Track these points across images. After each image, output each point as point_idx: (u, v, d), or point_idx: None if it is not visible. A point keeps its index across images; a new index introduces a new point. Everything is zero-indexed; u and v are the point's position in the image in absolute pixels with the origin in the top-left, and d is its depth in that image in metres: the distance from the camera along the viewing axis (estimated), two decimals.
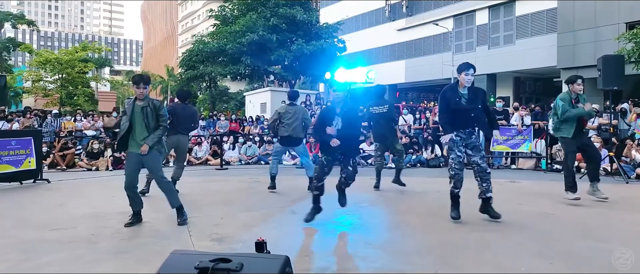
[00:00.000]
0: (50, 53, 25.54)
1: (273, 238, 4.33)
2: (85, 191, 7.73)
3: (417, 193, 7.26)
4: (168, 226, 4.94)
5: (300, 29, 19.51)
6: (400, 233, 4.55)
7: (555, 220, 5.20)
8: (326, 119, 5.03)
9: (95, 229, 4.77)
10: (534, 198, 6.65)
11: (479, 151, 5.10)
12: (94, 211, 5.76)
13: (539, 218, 5.25)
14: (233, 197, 6.87)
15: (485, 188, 5.07)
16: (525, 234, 4.49)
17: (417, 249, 3.95)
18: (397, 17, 33.91)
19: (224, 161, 12.29)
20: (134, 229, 4.76)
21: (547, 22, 24.66)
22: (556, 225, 4.92)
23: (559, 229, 4.74)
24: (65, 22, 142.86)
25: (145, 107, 4.88)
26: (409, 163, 11.56)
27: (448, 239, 4.29)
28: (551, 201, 6.38)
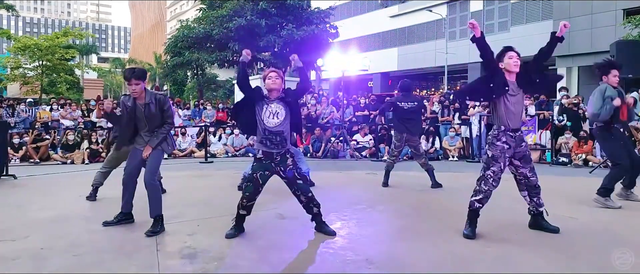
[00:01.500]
0: (29, 39, 24.44)
1: (256, 252, 3.69)
2: (53, 189, 7.02)
3: (419, 192, 6.62)
4: (132, 236, 4.25)
5: (290, 14, 18.65)
6: (406, 246, 3.90)
7: (578, 225, 4.59)
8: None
9: (49, 239, 4.08)
10: (548, 198, 6.00)
11: (528, 161, 4.17)
12: (54, 215, 5.06)
13: (560, 224, 4.64)
14: (215, 196, 6.18)
15: (537, 202, 4.25)
16: (548, 245, 3.88)
17: (428, 266, 3.32)
18: (390, 3, 33.25)
19: (209, 153, 11.59)
20: (93, 241, 4.07)
21: (543, 9, 24.32)
22: (581, 232, 4.31)
23: (586, 237, 4.14)
24: (51, 8, 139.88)
25: (148, 104, 4.34)
26: (405, 156, 10.93)
27: (461, 252, 3.66)
28: (568, 201, 5.78)
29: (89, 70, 31.38)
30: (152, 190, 4.36)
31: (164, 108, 4.41)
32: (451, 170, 8.88)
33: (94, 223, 4.67)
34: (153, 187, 4.37)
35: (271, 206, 5.43)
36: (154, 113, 4.38)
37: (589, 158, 9.43)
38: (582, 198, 5.73)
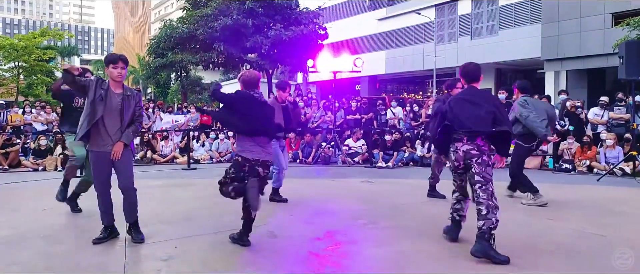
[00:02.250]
0: (4, 39, 23.41)
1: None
2: (15, 201, 6.29)
3: (421, 203, 6.08)
4: (98, 257, 3.63)
5: (278, 13, 18.01)
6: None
7: (607, 244, 4.07)
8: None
9: (1, 266, 3.44)
10: (563, 210, 5.53)
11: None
12: (10, 234, 4.39)
13: (585, 243, 4.13)
14: (197, 209, 5.53)
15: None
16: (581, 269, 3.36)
17: None
18: (378, 6, 32.90)
19: (193, 159, 10.91)
20: (53, 262, 3.44)
21: (531, 13, 24.14)
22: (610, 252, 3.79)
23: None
24: (33, 9, 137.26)
25: (127, 95, 3.94)
26: (400, 162, 10.41)
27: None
28: (585, 212, 5.29)
29: None
30: (132, 194, 4.00)
31: (138, 105, 4.03)
32: (449, 178, 8.35)
33: (54, 244, 4.04)
34: (133, 191, 4.01)
35: (259, 222, 4.83)
36: (130, 108, 3.95)
37: (593, 164, 9.01)
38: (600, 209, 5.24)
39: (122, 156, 3.93)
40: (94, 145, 3.92)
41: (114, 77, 3.90)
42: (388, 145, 10.55)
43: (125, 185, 3.96)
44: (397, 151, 10.45)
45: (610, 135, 8.90)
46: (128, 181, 3.97)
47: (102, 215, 4.09)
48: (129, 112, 3.96)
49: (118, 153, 3.88)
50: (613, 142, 8.78)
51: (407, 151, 10.54)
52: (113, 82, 3.93)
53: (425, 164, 10.21)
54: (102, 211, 4.07)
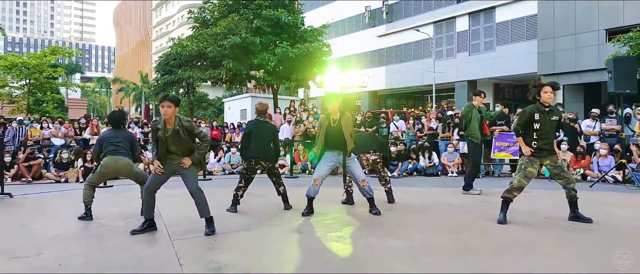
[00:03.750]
0: (16, 57, 24.06)
1: (281, 267, 3.61)
2: (53, 208, 6.83)
3: (426, 207, 6.59)
4: (150, 249, 4.17)
5: (284, 32, 18.71)
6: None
7: (594, 233, 4.62)
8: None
9: (64, 256, 3.96)
10: (555, 211, 6.06)
11: None
12: (62, 233, 4.92)
13: (575, 234, 4.67)
14: (222, 213, 6.05)
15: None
16: (582, 257, 3.89)
17: None
18: (377, 23, 33.65)
19: (207, 171, 11.45)
20: (111, 254, 3.97)
21: (527, 29, 24.76)
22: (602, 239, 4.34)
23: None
24: (34, 27, 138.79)
25: (177, 129, 4.63)
26: (405, 172, 10.96)
27: None
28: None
29: (76, 89, 30.92)
30: (198, 195, 4.76)
31: (193, 133, 4.72)
32: (452, 185, 8.91)
33: (107, 241, 4.56)
34: (199, 192, 4.76)
35: (283, 222, 5.38)
36: (182, 139, 4.66)
37: (587, 173, 9.56)
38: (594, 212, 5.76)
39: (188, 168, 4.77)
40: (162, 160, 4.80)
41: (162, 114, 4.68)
42: (393, 156, 11.10)
43: (191, 189, 4.76)
44: (402, 161, 11.00)
45: (604, 145, 9.47)
46: (192, 185, 4.76)
47: (145, 211, 4.90)
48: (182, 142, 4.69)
49: (185, 164, 4.74)
50: (606, 152, 9.34)
51: (411, 162, 11.08)
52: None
53: (428, 174, 10.78)
54: (145, 207, 4.88)
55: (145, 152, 11.85)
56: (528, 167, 5.22)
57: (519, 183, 5.21)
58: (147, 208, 4.89)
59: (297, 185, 9.30)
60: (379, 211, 5.75)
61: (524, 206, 6.30)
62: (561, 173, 5.21)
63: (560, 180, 5.21)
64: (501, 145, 10.18)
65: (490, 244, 4.32)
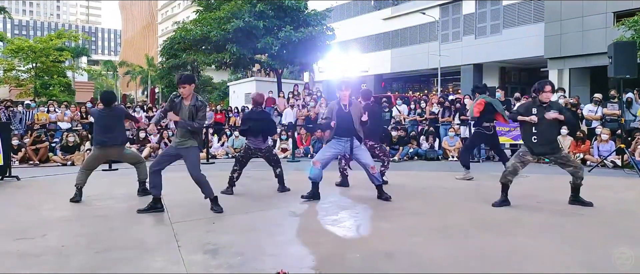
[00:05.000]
0: (23, 41, 24.22)
1: (277, 247, 3.76)
2: (59, 190, 6.99)
3: (420, 190, 6.71)
4: (152, 233, 4.33)
5: (288, 16, 18.68)
6: (423, 242, 3.99)
7: (583, 219, 4.72)
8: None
9: (68, 238, 4.13)
10: (556, 195, 6.16)
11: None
12: (68, 215, 5.10)
13: (567, 218, 4.78)
14: (222, 196, 6.22)
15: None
16: (562, 238, 4.00)
17: (449, 261, 3.42)
18: (383, 6, 33.39)
19: (210, 154, 11.61)
20: (113, 238, 4.13)
21: (534, 12, 24.47)
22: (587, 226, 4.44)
23: (592, 230, 4.27)
24: (40, 10, 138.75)
25: (192, 105, 4.93)
26: (406, 156, 11.07)
27: (479, 245, 3.77)
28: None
29: (83, 73, 31.12)
30: (200, 180, 5.03)
31: (198, 112, 4.95)
32: (452, 170, 9.01)
33: (111, 221, 4.74)
34: (200, 177, 5.03)
35: (282, 205, 5.52)
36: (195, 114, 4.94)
37: (586, 157, 9.62)
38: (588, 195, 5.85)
39: (189, 151, 5.01)
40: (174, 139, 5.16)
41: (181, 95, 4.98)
42: (394, 140, 11.20)
43: (193, 175, 5.02)
44: (403, 146, 11.10)
45: (605, 130, 9.50)
46: (194, 170, 5.02)
47: (151, 189, 5.12)
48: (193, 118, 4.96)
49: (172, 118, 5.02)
50: (608, 137, 9.38)
51: (411, 147, 11.17)
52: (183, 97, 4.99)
53: (430, 158, 10.88)
54: (152, 186, 5.10)
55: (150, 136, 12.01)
56: (526, 155, 5.29)
57: (513, 167, 5.30)
58: (154, 186, 5.09)
59: (297, 169, 9.46)
60: (389, 197, 5.72)
61: (518, 190, 6.40)
62: (568, 162, 5.29)
63: (569, 168, 5.27)
64: (502, 129, 10.23)
65: (474, 225, 4.45)
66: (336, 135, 5.72)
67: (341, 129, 5.67)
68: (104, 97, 6.30)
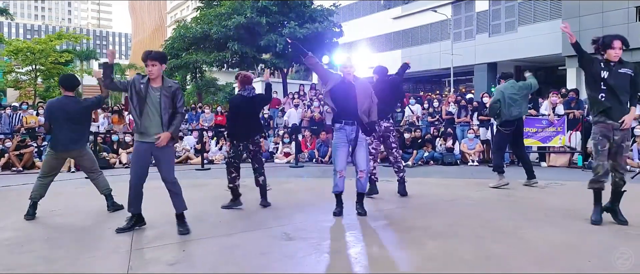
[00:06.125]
0: (21, 42, 23.61)
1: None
2: (25, 203, 6.12)
3: (444, 202, 5.70)
4: (102, 265, 3.39)
5: (292, 11, 17.72)
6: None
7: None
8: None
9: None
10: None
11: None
12: (14, 237, 4.19)
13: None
14: (208, 210, 5.28)
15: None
16: None
17: None
18: (393, 5, 32.50)
19: (207, 160, 10.70)
20: (55, 267, 3.20)
21: (551, 8, 23.61)
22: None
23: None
24: (52, 15, 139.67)
25: (161, 89, 4.12)
26: (420, 160, 10.05)
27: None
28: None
29: (85, 75, 30.50)
30: (175, 187, 4.22)
31: (175, 97, 4.17)
32: (473, 176, 8.00)
33: (57, 248, 3.83)
34: (176, 185, 4.23)
35: (273, 223, 4.56)
36: (167, 102, 4.13)
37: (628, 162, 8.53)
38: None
39: (164, 149, 4.14)
40: (137, 135, 4.19)
41: (147, 73, 4.13)
42: (407, 143, 10.20)
43: (167, 179, 4.18)
44: (417, 149, 10.09)
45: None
46: (168, 174, 4.18)
47: (130, 204, 4.23)
48: (167, 106, 4.11)
49: (163, 141, 4.07)
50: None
51: (426, 150, 10.15)
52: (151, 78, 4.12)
53: (447, 162, 9.85)
54: (131, 200, 4.21)
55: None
56: (604, 144, 4.24)
57: (603, 168, 4.25)
58: (132, 201, 4.23)
59: (299, 176, 8.52)
60: (365, 212, 4.79)
61: (560, 202, 5.39)
62: (617, 155, 4.28)
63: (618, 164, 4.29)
64: (529, 130, 9.19)
65: (522, 253, 3.45)
66: (337, 120, 4.72)
67: (343, 112, 4.67)
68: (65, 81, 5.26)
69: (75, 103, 5.02)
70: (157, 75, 4.12)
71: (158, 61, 4.12)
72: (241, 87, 5.42)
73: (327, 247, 3.76)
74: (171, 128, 4.14)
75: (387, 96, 5.43)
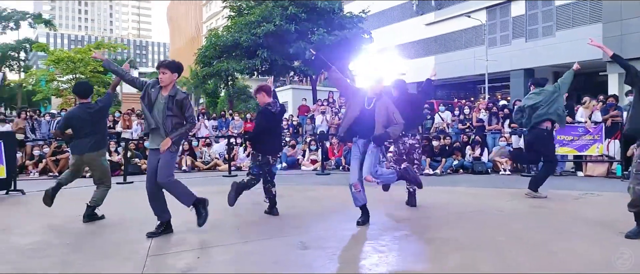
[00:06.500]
0: (62, 52, 24.61)
1: None
2: (54, 208, 6.26)
3: (470, 212, 5.49)
4: (111, 268, 3.40)
5: (321, 18, 17.70)
6: None
7: None
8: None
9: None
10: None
11: None
12: (36, 241, 4.27)
13: None
14: (229, 216, 5.26)
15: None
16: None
17: None
18: (426, 10, 32.11)
19: (234, 166, 10.76)
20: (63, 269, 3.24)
21: (591, 11, 22.77)
22: None
23: None
24: (95, 26, 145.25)
25: (170, 96, 4.21)
26: (450, 169, 9.79)
27: None
28: None
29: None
30: (170, 188, 4.26)
31: (183, 106, 4.23)
32: (506, 186, 7.71)
33: (76, 252, 3.87)
34: (169, 185, 4.25)
35: (291, 231, 4.49)
36: (174, 110, 4.21)
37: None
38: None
39: (164, 154, 4.17)
40: (149, 142, 4.41)
41: (159, 81, 4.23)
42: (435, 151, 9.97)
43: (159, 181, 4.19)
44: (446, 157, 9.84)
45: None
46: (161, 176, 4.18)
47: (154, 211, 4.35)
48: (173, 114, 4.20)
49: (165, 147, 4.13)
50: None
51: (456, 158, 9.88)
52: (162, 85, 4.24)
53: (477, 171, 9.56)
54: (152, 207, 4.35)
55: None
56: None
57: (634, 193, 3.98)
58: (153, 208, 4.36)
59: (325, 184, 8.44)
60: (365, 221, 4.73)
61: (594, 213, 5.10)
62: None
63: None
64: (564, 138, 8.81)
65: (548, 267, 3.25)
66: (353, 134, 4.69)
67: (359, 128, 4.62)
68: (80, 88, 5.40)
69: (87, 109, 5.13)
70: (168, 83, 4.22)
71: (169, 69, 4.21)
72: (269, 99, 5.30)
73: (343, 257, 3.66)
74: (172, 134, 4.19)
75: (407, 114, 5.25)
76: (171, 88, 4.23)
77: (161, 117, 4.16)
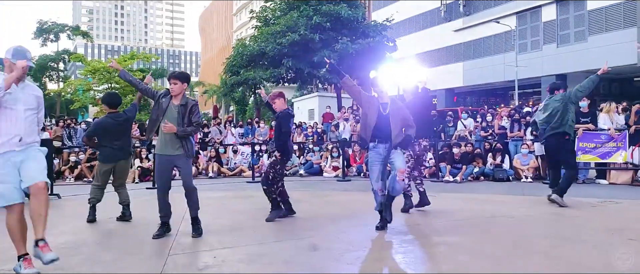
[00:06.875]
0: (98, 63, 25.69)
1: None
2: (84, 210, 6.66)
3: (489, 218, 5.57)
4: (134, 266, 3.68)
5: (345, 27, 17.96)
6: None
7: None
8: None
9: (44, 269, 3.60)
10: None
11: None
12: (68, 241, 4.61)
13: None
14: (246, 220, 5.51)
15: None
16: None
17: None
18: (454, 17, 31.92)
19: (258, 173, 11.05)
20: (91, 271, 3.52)
21: (625, 16, 22.16)
22: None
23: None
24: (130, 36, 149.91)
25: (181, 105, 4.53)
26: (470, 176, 9.81)
27: None
28: None
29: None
30: (193, 193, 4.59)
31: (192, 113, 4.53)
32: (525, 193, 7.70)
33: (104, 252, 4.17)
34: (193, 190, 4.60)
35: (304, 234, 4.69)
36: (186, 117, 4.51)
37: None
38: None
39: (183, 160, 4.54)
40: (157, 149, 4.62)
41: (170, 90, 4.55)
42: (456, 158, 10.00)
43: (186, 185, 4.57)
44: (467, 164, 9.86)
45: None
46: (188, 180, 4.57)
47: (160, 211, 4.65)
48: (185, 121, 4.48)
49: (169, 129, 4.38)
50: None
51: (477, 166, 9.88)
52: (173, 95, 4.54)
53: (498, 178, 9.53)
54: (160, 208, 4.64)
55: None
56: None
57: None
58: (161, 210, 4.66)
59: (346, 190, 8.60)
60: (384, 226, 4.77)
61: (608, 221, 5.10)
62: None
63: None
64: (586, 146, 8.72)
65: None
66: (371, 139, 4.81)
67: (378, 133, 4.77)
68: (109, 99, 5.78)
69: (115, 119, 5.49)
70: (178, 93, 4.54)
71: (180, 80, 4.52)
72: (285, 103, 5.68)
73: (348, 258, 3.82)
74: (180, 128, 4.45)
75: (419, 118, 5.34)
76: (182, 98, 4.55)
77: (174, 124, 4.43)
